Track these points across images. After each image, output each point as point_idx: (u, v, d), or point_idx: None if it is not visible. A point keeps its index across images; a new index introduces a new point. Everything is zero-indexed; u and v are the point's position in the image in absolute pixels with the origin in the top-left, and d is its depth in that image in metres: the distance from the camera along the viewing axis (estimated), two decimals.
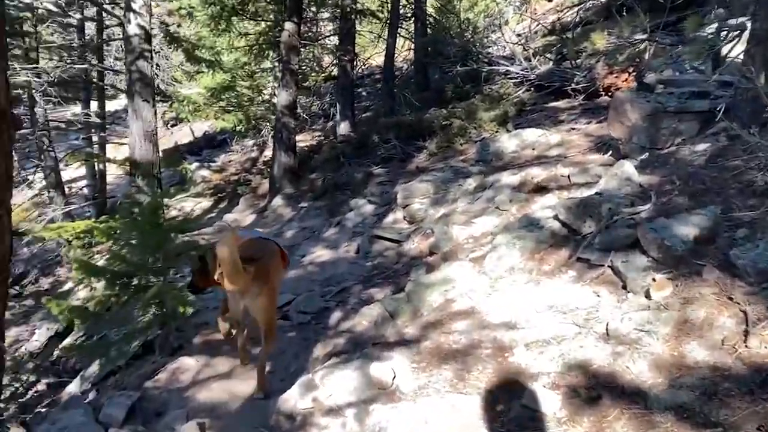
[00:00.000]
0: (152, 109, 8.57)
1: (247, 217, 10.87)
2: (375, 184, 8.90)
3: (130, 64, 8.40)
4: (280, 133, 10.93)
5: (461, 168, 7.66)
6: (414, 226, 6.95)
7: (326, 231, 8.25)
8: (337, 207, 8.87)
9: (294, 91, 10.89)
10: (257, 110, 15.65)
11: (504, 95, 10.86)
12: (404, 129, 10.23)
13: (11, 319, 8.30)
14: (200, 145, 18.60)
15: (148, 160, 8.54)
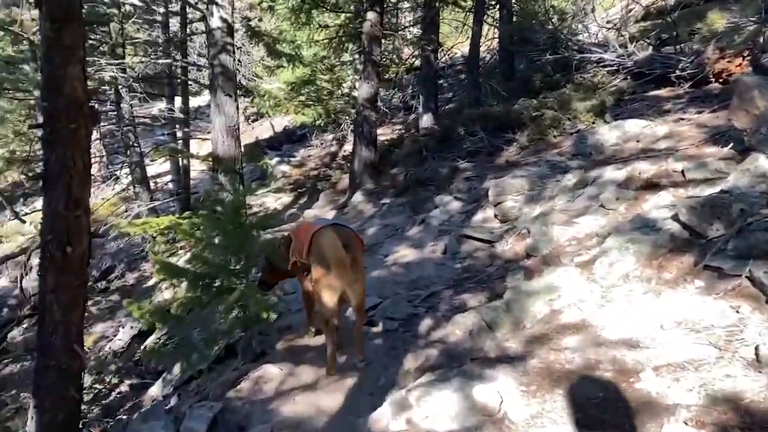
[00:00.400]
0: (234, 104, 8.47)
1: (327, 212, 10.68)
2: (461, 179, 8.45)
3: (213, 59, 8.32)
4: (361, 126, 10.66)
5: (558, 162, 7.09)
6: (507, 226, 6.47)
7: (410, 229, 7.89)
8: (420, 204, 8.49)
9: (376, 83, 10.58)
10: (337, 104, 15.50)
11: (599, 84, 10.14)
12: (491, 121, 9.71)
13: (98, 314, 8.45)
14: (280, 139, 18.70)
15: (230, 156, 8.45)
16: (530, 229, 5.90)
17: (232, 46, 8.45)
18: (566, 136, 8.53)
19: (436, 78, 11.74)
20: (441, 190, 8.54)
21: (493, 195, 6.77)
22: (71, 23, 2.84)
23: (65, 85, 2.84)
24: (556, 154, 7.99)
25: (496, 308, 4.49)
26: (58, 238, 3.07)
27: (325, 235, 4.15)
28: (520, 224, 6.23)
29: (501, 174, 7.94)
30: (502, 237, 6.25)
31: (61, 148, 2.93)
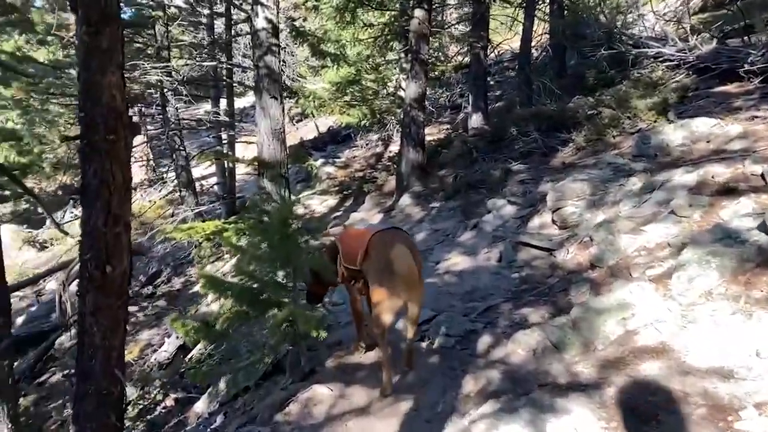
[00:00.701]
0: (280, 106, 8.30)
1: (373, 216, 10.43)
2: (515, 182, 8.09)
3: (258, 60, 8.16)
4: (408, 127, 10.38)
5: (620, 165, 6.66)
6: (567, 233, 6.10)
7: (461, 234, 7.57)
8: (472, 207, 8.16)
9: (424, 82, 10.29)
10: (382, 104, 15.24)
11: (659, 80, 9.61)
12: (545, 120, 9.31)
13: (144, 321, 8.40)
14: (324, 140, 18.58)
15: (275, 159, 8.28)
16: (594, 237, 5.52)
17: (278, 47, 8.27)
18: (626, 136, 8.07)
19: (485, 76, 11.37)
20: (493, 194, 8.19)
21: (551, 199, 6.40)
22: (108, 26, 2.65)
23: (103, 94, 2.65)
24: (617, 155, 7.55)
25: (563, 326, 4.16)
26: (98, 256, 2.88)
27: (392, 246, 3.88)
28: (582, 231, 5.85)
29: (558, 176, 7.55)
30: (563, 245, 5.88)
31: (99, 160, 2.74)
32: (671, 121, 7.92)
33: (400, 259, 3.75)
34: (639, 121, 8.30)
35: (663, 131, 7.13)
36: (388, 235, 4.12)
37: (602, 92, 9.89)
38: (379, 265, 3.93)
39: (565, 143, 8.83)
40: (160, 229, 8.50)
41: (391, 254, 3.80)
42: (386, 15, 14.98)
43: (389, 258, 3.81)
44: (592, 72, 12.33)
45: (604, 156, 7.69)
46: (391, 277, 3.75)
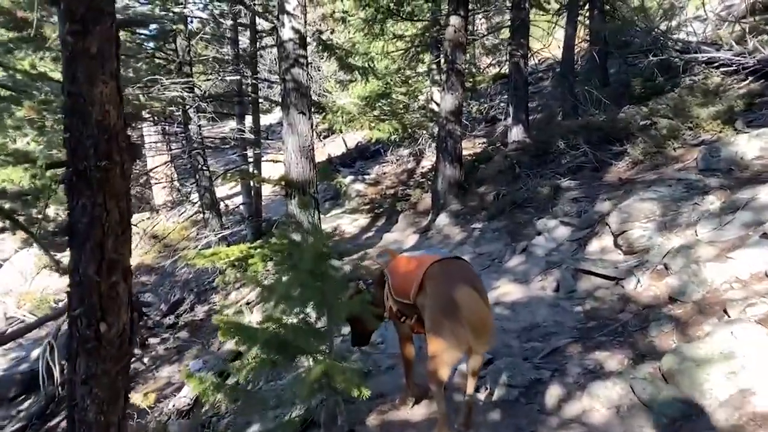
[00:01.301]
0: (308, 122, 7.76)
1: (408, 236, 9.81)
2: (566, 200, 7.40)
3: (285, 73, 7.65)
4: (445, 141, 9.77)
5: (693, 181, 5.94)
6: (635, 259, 5.41)
7: (509, 259, 6.91)
8: (519, 229, 7.49)
9: (460, 93, 9.69)
10: (413, 118, 14.68)
11: (718, 87, 8.88)
12: (594, 132, 8.63)
13: (164, 355, 7.87)
14: (353, 156, 18.06)
15: (304, 179, 7.74)
16: (670, 266, 4.84)
17: (305, 59, 7.75)
18: (689, 148, 7.35)
19: (526, 86, 10.72)
20: (542, 213, 7.52)
21: (615, 221, 5.70)
22: (98, 23, 2.09)
23: (93, 109, 2.08)
24: (679, 169, 6.84)
25: (652, 379, 3.50)
26: (90, 312, 2.31)
27: (457, 284, 3.29)
28: (654, 258, 5.16)
29: (615, 194, 6.86)
30: (632, 273, 5.19)
31: (90, 193, 2.16)
32: (740, 131, 7.19)
33: (468, 303, 3.15)
34: (701, 131, 7.59)
35: (735, 142, 6.40)
36: (451, 267, 3.52)
37: (655, 101, 9.18)
38: (439, 305, 3.33)
39: (619, 157, 8.13)
40: (182, 255, 7.97)
41: (457, 295, 3.19)
42: (416, 26, 14.48)
43: (454, 300, 3.20)
44: (638, 80, 11.63)
45: (666, 170, 6.98)
46: (456, 324, 3.14)
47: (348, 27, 14.58)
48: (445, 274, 3.43)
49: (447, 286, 3.30)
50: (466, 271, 3.50)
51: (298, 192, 7.79)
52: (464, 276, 3.38)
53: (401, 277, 3.75)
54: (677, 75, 10.67)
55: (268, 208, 14.59)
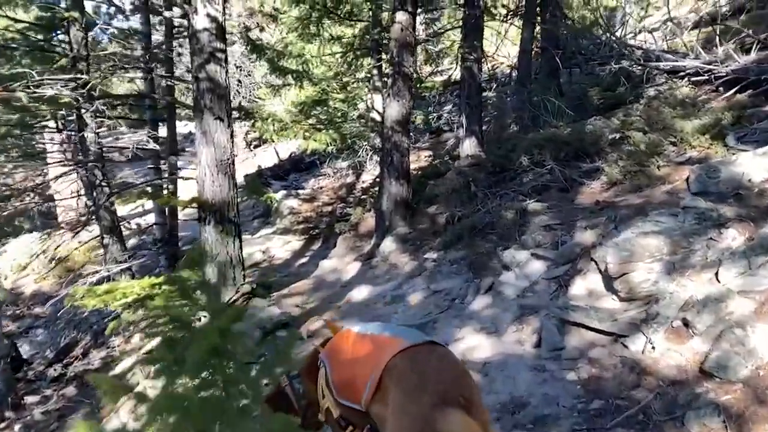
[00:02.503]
0: (228, 130, 6.39)
1: (348, 265, 8.52)
2: (536, 227, 6.29)
3: (198, 70, 6.27)
4: (390, 155, 8.56)
5: (704, 210, 4.86)
6: (638, 308, 4.31)
7: (473, 300, 5.73)
8: (481, 261, 6.32)
9: (408, 100, 8.51)
10: (352, 127, 13.43)
11: (695, 98, 8.07)
12: (560, 147, 7.59)
13: (41, 421, 6.24)
14: (286, 168, 16.65)
15: (222, 199, 6.36)
16: (693, 323, 3.75)
17: (224, 53, 6.38)
18: (675, 167, 6.39)
19: (480, 94, 9.64)
20: (508, 242, 6.38)
21: (611, 260, 4.56)
22: None
23: None
24: (669, 192, 5.85)
25: None
26: None
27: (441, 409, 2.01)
28: (666, 310, 4.06)
29: (595, 220, 5.80)
30: (638, 329, 4.08)
31: None
32: (731, 148, 6.28)
33: None
34: (687, 147, 6.65)
35: (736, 161, 5.43)
36: (427, 364, 2.24)
37: (626, 112, 8.28)
38: (410, 425, 2.05)
39: (591, 175, 7.12)
40: (69, 294, 6.40)
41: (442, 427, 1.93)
42: (356, 27, 13.27)
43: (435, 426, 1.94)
44: (596, 90, 10.80)
45: (653, 193, 5.99)
46: None
47: (280, 26, 13.23)
48: (418, 377, 2.16)
49: (423, 403, 2.04)
50: (451, 371, 2.24)
51: (214, 215, 6.38)
52: (450, 384, 2.13)
53: (347, 368, 2.48)
54: (639, 84, 9.90)
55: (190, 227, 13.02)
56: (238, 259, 6.70)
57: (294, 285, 7.95)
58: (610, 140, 7.67)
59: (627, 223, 5.14)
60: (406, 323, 5.83)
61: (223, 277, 6.55)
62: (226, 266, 6.55)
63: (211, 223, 6.39)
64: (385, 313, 6.30)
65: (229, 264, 6.58)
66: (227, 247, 6.51)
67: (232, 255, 6.57)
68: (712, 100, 7.81)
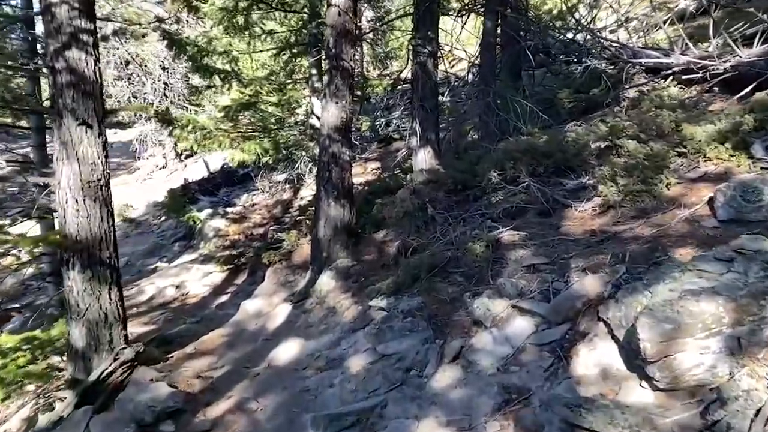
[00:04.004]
0: (99, 139, 4.73)
1: (277, 307, 6.90)
2: (515, 265, 4.84)
3: (55, 58, 4.60)
4: (328, 169, 7.02)
5: None
6: (688, 406, 2.87)
7: (434, 372, 4.22)
8: (445, 313, 4.82)
9: (348, 102, 7.00)
10: (289, 135, 11.84)
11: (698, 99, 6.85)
12: (539, 159, 6.18)
13: None
14: (217, 182, 14.85)
15: (90, 235, 4.68)
16: None
17: (93, 36, 4.72)
18: (688, 184, 5.05)
19: (436, 95, 8.16)
20: (479, 285, 4.91)
21: (650, 335, 3.07)
22: None
23: None
24: (688, 220, 4.48)
25: None
26: None
27: None
28: (738, 419, 2.62)
29: (594, 258, 4.39)
30: None
31: None
32: (757, 159, 4.98)
33: None
34: (700, 159, 5.33)
35: None
36: None
37: (614, 115, 7.00)
38: None
39: (577, 194, 5.75)
40: None
41: None
42: (291, 19, 11.70)
43: None
44: (566, 92, 9.52)
45: (664, 219, 4.61)
46: None
47: (201, 17, 11.54)
48: None
49: None
50: None
51: (81, 257, 4.69)
52: None
53: None
54: (617, 85, 8.70)
55: None
56: (117, 314, 5.01)
57: (203, 338, 6.29)
58: (595, 150, 6.34)
59: (654, 273, 3.70)
60: (344, 403, 4.29)
61: (94, 339, 4.87)
62: (98, 325, 4.86)
63: (77, 268, 4.70)
64: (315, 386, 4.73)
65: (103, 322, 4.89)
66: (100, 300, 4.83)
67: (107, 309, 4.89)
68: (717, 101, 6.56)
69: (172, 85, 17.05)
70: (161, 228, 13.04)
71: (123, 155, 22.39)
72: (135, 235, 13.32)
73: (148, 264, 10.72)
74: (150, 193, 15.64)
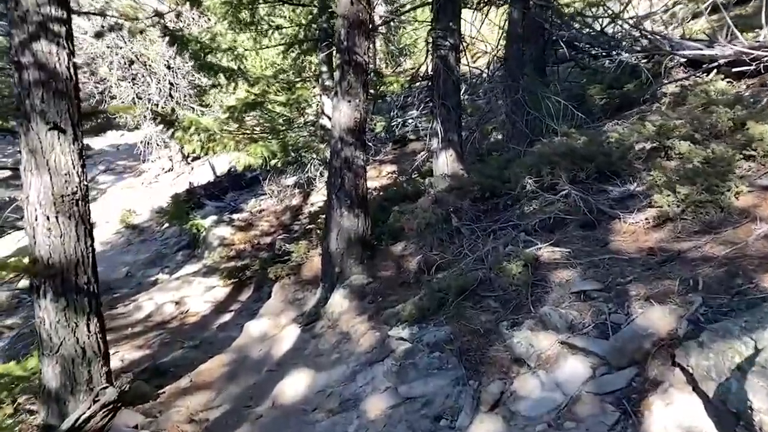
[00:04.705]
0: (74, 146, 4.08)
1: (283, 330, 6.24)
2: (561, 290, 4.15)
3: (20, 51, 3.95)
4: (340, 175, 6.35)
5: None
6: None
7: (469, 423, 3.53)
8: (479, 347, 4.12)
9: (362, 101, 6.32)
10: (298, 136, 11.20)
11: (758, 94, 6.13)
12: (579, 163, 5.47)
13: None
14: (224, 186, 14.25)
15: (65, 258, 4.03)
16: None
17: (66, 25, 4.09)
18: (761, 192, 4.33)
19: (459, 92, 7.45)
20: (519, 313, 4.22)
21: (765, 405, 2.37)
22: None
23: None
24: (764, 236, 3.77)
25: None
26: None
27: None
28: None
29: (659, 284, 3.69)
30: None
31: None
32: None
33: None
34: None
35: None
36: None
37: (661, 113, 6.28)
38: None
39: (624, 204, 5.04)
40: None
41: None
42: (300, 12, 11.06)
43: None
44: (596, 88, 8.84)
45: (737, 235, 3.90)
46: None
47: (204, 11, 10.94)
48: None
49: None
50: None
51: (53, 284, 4.05)
52: None
53: None
54: (655, 79, 8.01)
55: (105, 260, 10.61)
56: (96, 348, 4.36)
57: (201, 368, 5.65)
58: (641, 153, 5.63)
59: (749, 310, 3.00)
60: None
61: (70, 379, 4.23)
62: (75, 362, 4.22)
63: (48, 296, 4.06)
64: None
65: (81, 358, 4.25)
66: (76, 332, 4.19)
67: (85, 343, 4.25)
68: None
69: (177, 85, 16.49)
70: (164, 235, 12.45)
71: (129, 158, 21.88)
72: (137, 243, 12.74)
73: (149, 275, 10.12)
74: (155, 198, 15.07)
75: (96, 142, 25.96)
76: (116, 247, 12.77)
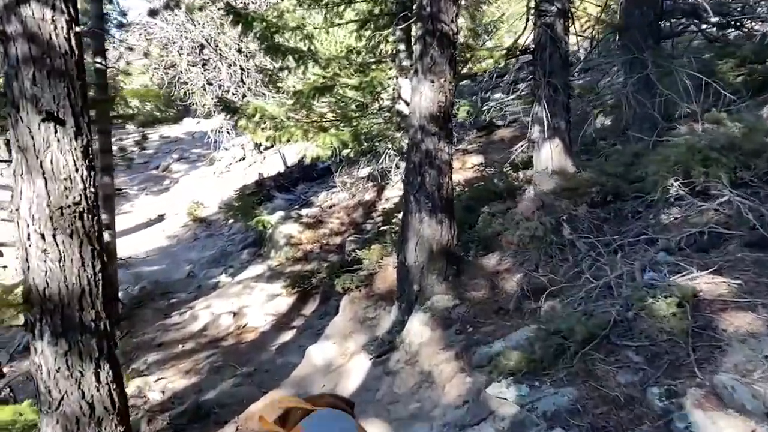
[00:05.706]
0: (76, 143, 3.13)
1: (351, 360, 5.21)
2: (744, 347, 2.87)
3: (5, 18, 3.04)
4: (420, 172, 5.23)
5: None
6: None
7: None
8: (620, 423, 2.90)
9: (449, 81, 5.14)
10: (372, 124, 10.11)
11: None
12: (736, 158, 4.10)
13: None
14: (294, 177, 13.43)
15: (67, 291, 3.09)
16: None
17: None
18: None
19: (568, 69, 6.15)
20: (676, 376, 2.98)
21: None
22: None
23: None
24: None
25: None
26: None
27: None
28: None
29: None
30: None
31: None
32: None
33: None
34: None
35: None
36: None
37: None
38: None
39: None
40: None
41: None
42: None
43: None
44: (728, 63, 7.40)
45: None
46: None
47: None
48: None
49: None
50: None
51: (52, 320, 3.14)
52: None
53: None
54: None
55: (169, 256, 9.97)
56: (109, 403, 3.42)
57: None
58: None
59: None
60: None
61: None
62: (80, 422, 3.30)
63: (45, 337, 3.15)
64: None
65: (88, 417, 3.33)
66: (82, 384, 3.26)
67: (93, 397, 3.32)
68: None
69: (249, 70, 15.74)
70: (231, 230, 11.73)
71: (203, 146, 21.54)
72: (204, 238, 12.09)
73: (211, 276, 9.37)
74: (226, 188, 14.42)
75: (173, 129, 25.94)
76: (182, 241, 12.17)
